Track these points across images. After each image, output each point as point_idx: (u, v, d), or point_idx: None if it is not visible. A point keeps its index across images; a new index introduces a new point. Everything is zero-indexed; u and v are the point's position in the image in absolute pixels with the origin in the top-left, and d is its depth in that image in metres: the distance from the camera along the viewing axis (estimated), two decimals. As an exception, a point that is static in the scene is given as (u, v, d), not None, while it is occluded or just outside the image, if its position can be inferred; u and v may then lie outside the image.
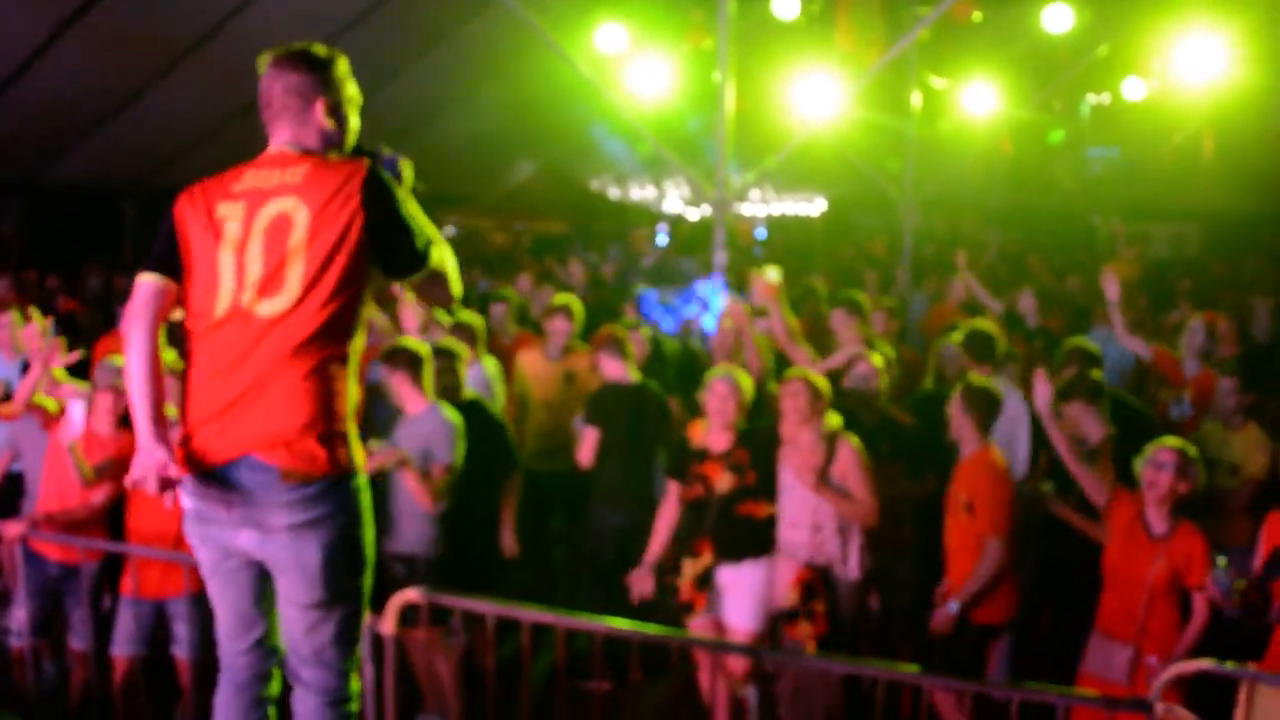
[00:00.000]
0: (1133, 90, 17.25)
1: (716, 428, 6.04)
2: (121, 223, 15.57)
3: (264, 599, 3.59)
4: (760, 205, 28.41)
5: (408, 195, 3.52)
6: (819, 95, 10.34)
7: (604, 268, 14.36)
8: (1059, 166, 24.20)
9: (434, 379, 6.48)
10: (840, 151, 15.34)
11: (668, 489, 6.31)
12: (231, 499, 3.32)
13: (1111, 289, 8.06)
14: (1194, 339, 8.10)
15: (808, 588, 5.83)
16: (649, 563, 6.21)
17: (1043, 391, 5.76)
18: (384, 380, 6.26)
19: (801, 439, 5.88)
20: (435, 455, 6.03)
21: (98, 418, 6.10)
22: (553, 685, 5.39)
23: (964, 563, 5.81)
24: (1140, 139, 22.42)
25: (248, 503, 3.31)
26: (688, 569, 6.01)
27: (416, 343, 6.32)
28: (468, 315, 7.72)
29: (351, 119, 3.61)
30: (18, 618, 6.27)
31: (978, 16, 13.61)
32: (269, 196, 3.37)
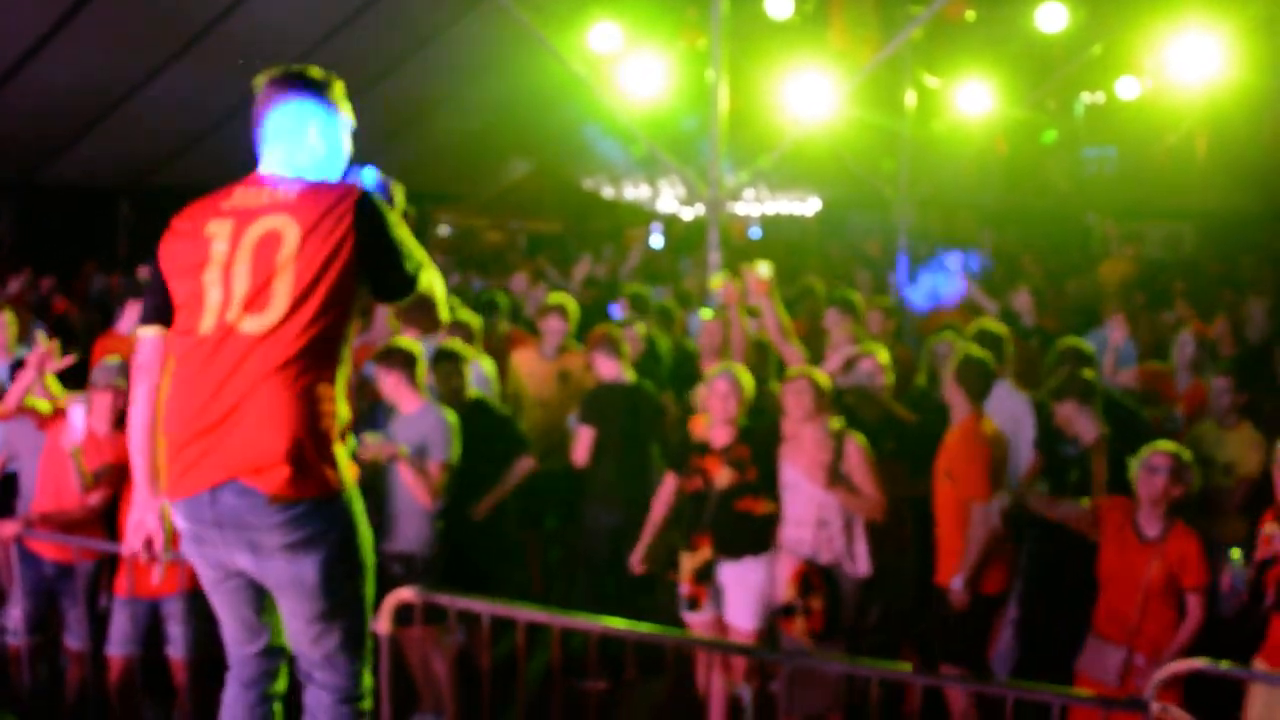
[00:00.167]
0: (1127, 89, 17.28)
1: (718, 423, 6.06)
2: (117, 222, 15.54)
3: (266, 609, 3.60)
4: (754, 205, 28.40)
5: (399, 219, 3.50)
6: (813, 94, 10.34)
7: (597, 267, 14.33)
8: (1053, 166, 24.22)
9: (441, 381, 6.50)
10: (834, 151, 15.35)
11: (664, 479, 6.33)
12: (222, 521, 3.30)
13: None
14: (1184, 351, 8.12)
15: (805, 582, 5.83)
16: (642, 547, 6.29)
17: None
18: (377, 379, 6.27)
19: (806, 436, 5.88)
20: (432, 453, 6.05)
21: (96, 417, 6.10)
22: (548, 684, 5.39)
23: (950, 533, 5.84)
24: (1135, 138, 22.45)
25: (239, 525, 3.28)
26: (686, 563, 6.02)
27: (410, 342, 6.32)
28: (465, 314, 7.73)
29: (345, 142, 3.60)
30: (13, 617, 6.26)
31: (971, 15, 13.62)
32: (258, 214, 3.35)
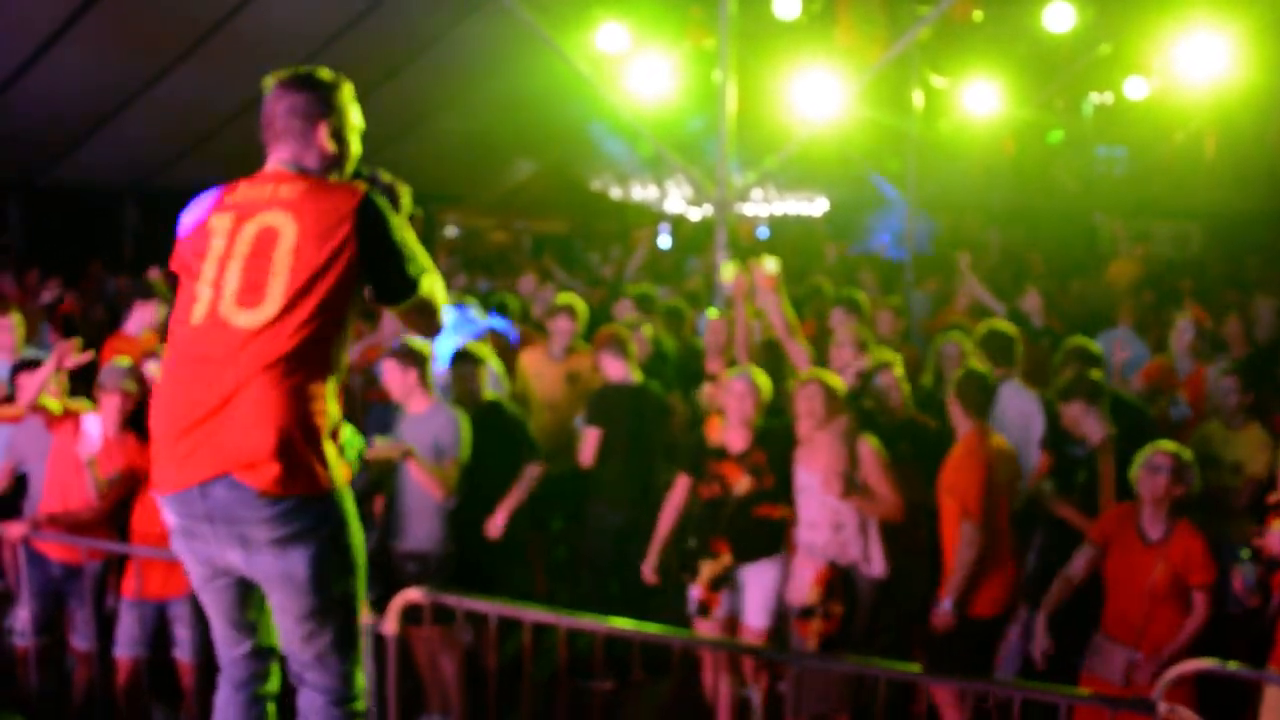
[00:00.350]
0: (1135, 89, 17.25)
1: (734, 427, 6.04)
2: (123, 223, 15.57)
3: (255, 609, 3.59)
4: (762, 205, 28.40)
5: (404, 222, 3.49)
6: (820, 94, 10.32)
7: (605, 268, 14.34)
8: (1061, 166, 24.18)
9: (459, 382, 6.50)
10: (842, 151, 15.34)
11: (676, 481, 6.31)
12: (213, 515, 3.29)
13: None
14: (1182, 338, 8.11)
15: (829, 586, 5.81)
16: (655, 551, 6.28)
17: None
18: (389, 377, 6.25)
19: (819, 441, 5.85)
20: (445, 451, 6.07)
21: (106, 420, 6.11)
22: (555, 685, 5.39)
23: (950, 552, 5.79)
24: (1143, 138, 22.41)
25: (230, 519, 3.27)
26: (706, 570, 6.00)
27: (423, 342, 6.32)
28: (472, 313, 7.72)
29: (353, 144, 3.58)
30: (21, 618, 6.27)
31: (979, 15, 13.61)
32: (259, 209, 3.35)
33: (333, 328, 3.32)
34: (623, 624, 4.79)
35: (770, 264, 6.79)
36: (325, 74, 3.53)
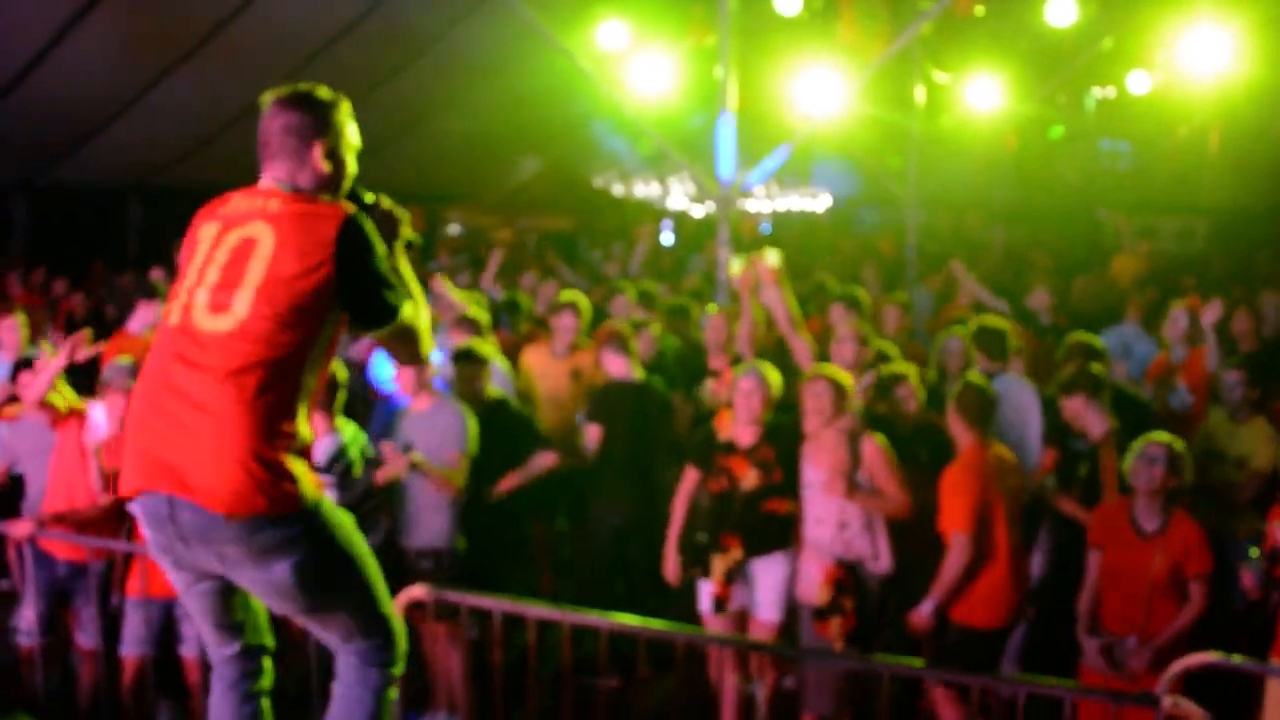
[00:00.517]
0: (1138, 84, 17.22)
1: (742, 422, 6.03)
2: (127, 222, 15.59)
3: (241, 610, 3.57)
4: (765, 201, 28.40)
5: (388, 249, 3.46)
6: (822, 91, 10.33)
7: (608, 266, 14.32)
8: (1064, 161, 24.16)
9: (463, 382, 6.50)
10: (844, 148, 15.33)
11: (685, 473, 6.30)
12: (186, 537, 3.26)
13: (1211, 313, 7.99)
14: (1176, 326, 8.11)
15: (839, 585, 5.80)
16: (671, 546, 6.26)
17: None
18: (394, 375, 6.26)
19: (825, 438, 5.84)
20: (452, 446, 6.08)
21: (110, 419, 6.12)
22: (560, 682, 5.39)
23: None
24: (1146, 133, 22.39)
25: (203, 540, 3.24)
26: (718, 565, 5.99)
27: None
28: (475, 311, 7.71)
29: (349, 162, 3.55)
30: (26, 617, 6.27)
31: (980, 10, 13.62)
32: (245, 220, 3.34)
33: (300, 344, 3.27)
34: (628, 620, 4.79)
35: (772, 256, 6.76)
36: (323, 92, 3.50)
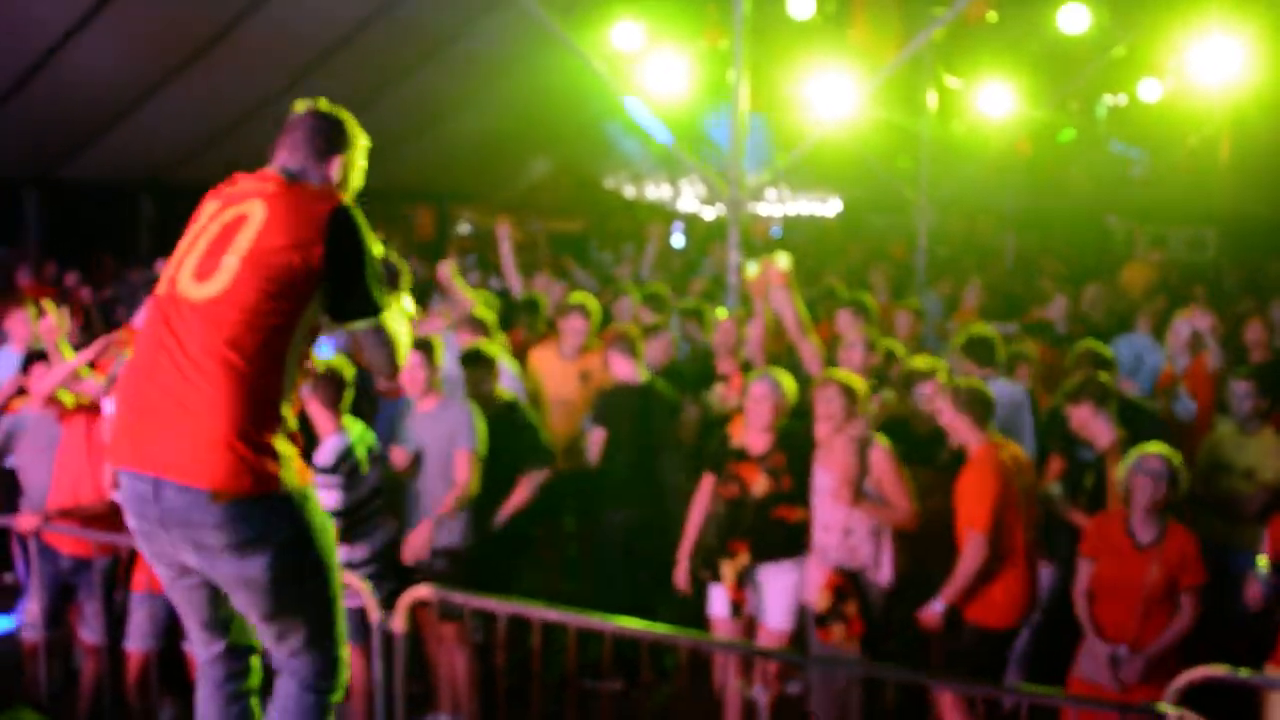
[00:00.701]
0: (1149, 91, 17.19)
1: (754, 429, 6.01)
2: (139, 217, 15.62)
3: (226, 607, 3.58)
4: (776, 205, 28.37)
5: (398, 299, 3.61)
6: (834, 94, 10.33)
7: (620, 268, 14.30)
8: (1075, 168, 24.09)
9: (471, 385, 6.50)
10: (856, 152, 15.31)
11: (701, 481, 6.29)
12: (167, 521, 3.28)
13: (1203, 321, 8.01)
14: (1178, 337, 8.08)
15: (838, 591, 5.80)
16: (685, 554, 6.25)
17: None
18: (403, 372, 6.23)
19: (836, 445, 5.81)
20: (461, 443, 6.08)
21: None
22: (565, 685, 5.39)
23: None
24: (1157, 141, 22.32)
25: (184, 524, 3.26)
26: (728, 570, 5.99)
27: (435, 337, 6.34)
28: (482, 311, 7.72)
29: (355, 177, 3.68)
30: (31, 611, 6.29)
31: (993, 16, 13.56)
32: (242, 199, 3.41)
33: (283, 319, 3.29)
34: (632, 624, 4.79)
35: (782, 260, 6.76)
36: (343, 113, 3.65)
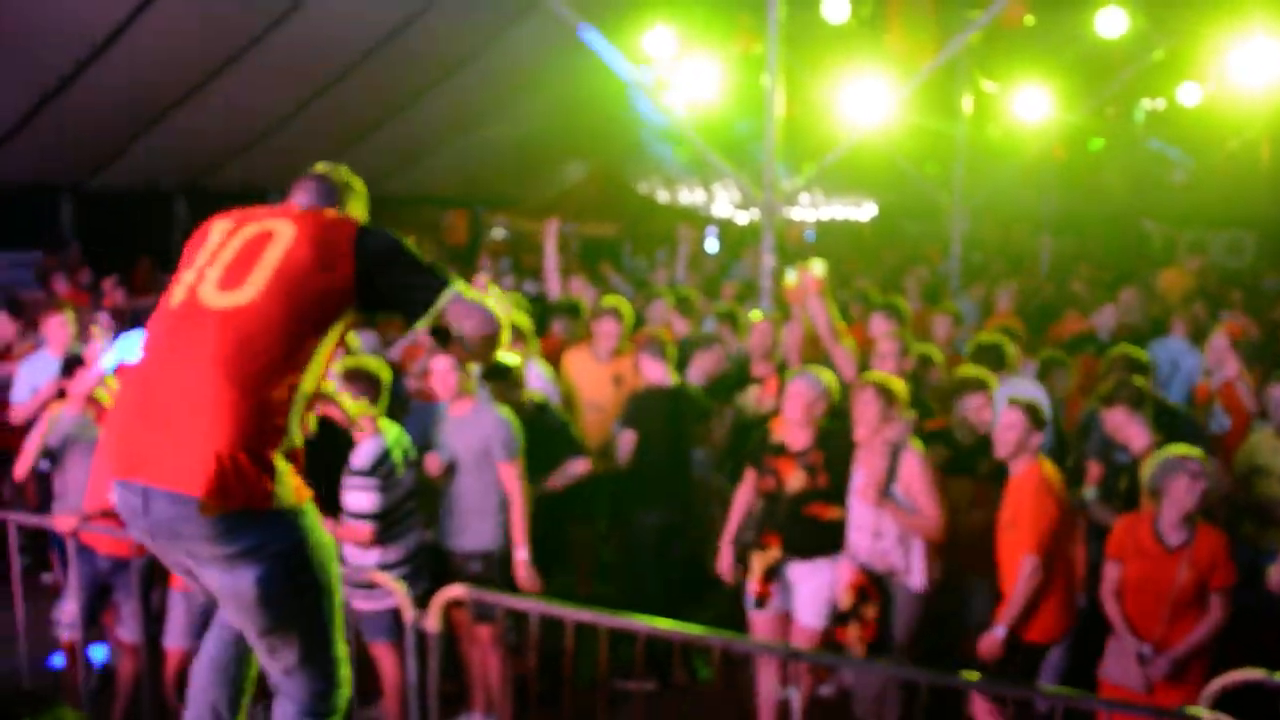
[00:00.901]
0: (1188, 96, 17.07)
1: (794, 424, 6.00)
2: (172, 223, 15.75)
3: None
4: (809, 210, 28.32)
5: (406, 244, 3.50)
6: (869, 99, 10.31)
7: (657, 273, 14.29)
8: (1111, 171, 23.94)
9: (496, 397, 6.51)
10: (890, 157, 15.28)
11: (745, 475, 6.30)
12: (156, 532, 3.25)
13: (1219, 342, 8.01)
14: (1215, 352, 8.01)
15: (861, 592, 5.79)
16: (727, 541, 6.25)
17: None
18: (436, 378, 6.23)
19: (872, 446, 5.80)
20: (498, 452, 6.09)
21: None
22: (596, 685, 5.39)
23: (1010, 580, 5.65)
24: (1196, 146, 22.17)
25: (173, 535, 3.22)
26: (757, 562, 6.00)
27: None
28: (516, 316, 7.72)
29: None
30: (68, 610, 6.34)
31: (1030, 20, 13.51)
32: (261, 217, 3.43)
33: (301, 343, 3.26)
34: (664, 625, 4.78)
35: (818, 267, 6.77)
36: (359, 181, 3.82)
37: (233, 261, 3.31)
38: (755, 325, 7.97)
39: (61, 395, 6.65)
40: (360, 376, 5.83)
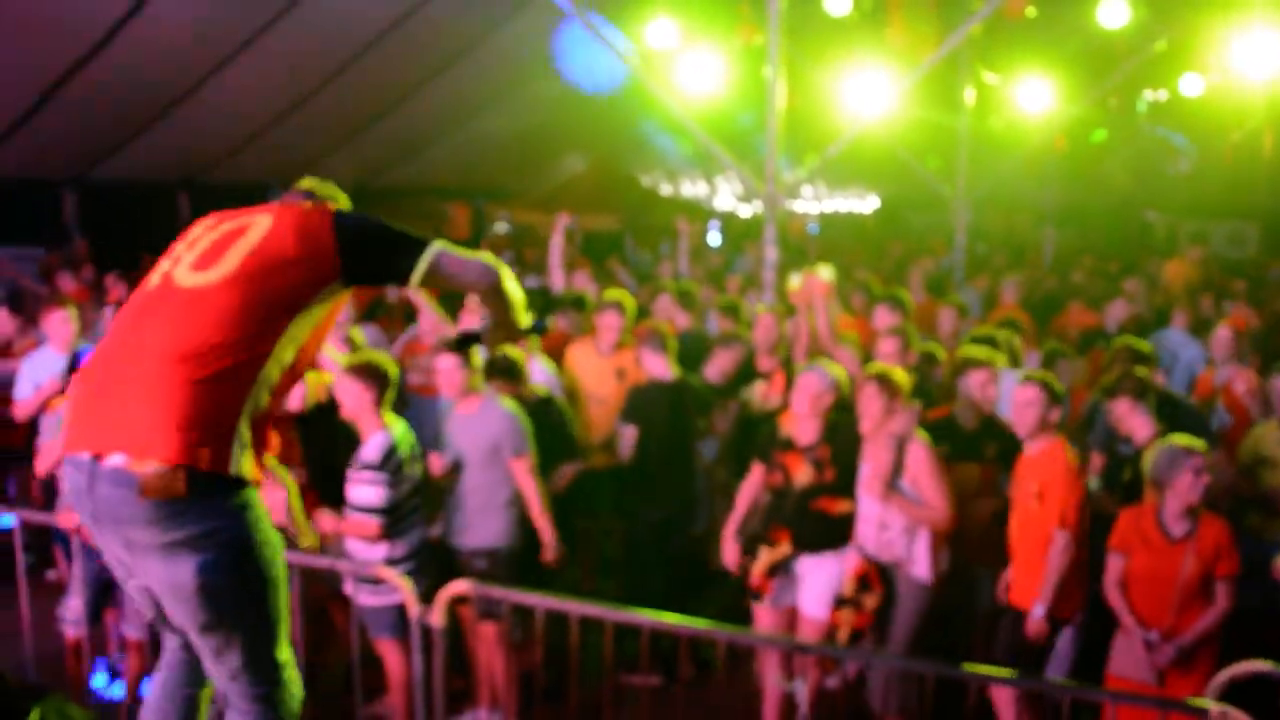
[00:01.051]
0: (1191, 86, 17.04)
1: (802, 418, 6.00)
2: (175, 217, 15.74)
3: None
4: (813, 202, 28.32)
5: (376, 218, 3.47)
6: (870, 91, 10.29)
7: (662, 266, 14.26)
8: (1114, 162, 23.92)
9: (505, 388, 6.49)
10: (892, 149, 15.26)
11: (752, 468, 6.29)
12: (99, 515, 3.18)
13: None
14: (1220, 346, 8.00)
15: (863, 580, 5.79)
16: (731, 531, 6.23)
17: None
18: (442, 374, 6.21)
19: (877, 440, 5.81)
20: (507, 449, 6.08)
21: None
22: (602, 680, 5.39)
23: (1032, 556, 5.63)
24: (1199, 136, 22.15)
25: (115, 520, 3.15)
26: (764, 556, 5.99)
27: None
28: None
29: None
30: (72, 607, 6.33)
31: (1031, 11, 13.46)
32: (239, 214, 3.43)
33: (272, 320, 3.22)
34: (670, 619, 4.78)
35: (826, 272, 6.78)
36: (339, 193, 3.86)
37: (209, 247, 3.31)
38: (759, 319, 7.96)
39: (63, 393, 6.64)
40: (367, 370, 5.82)
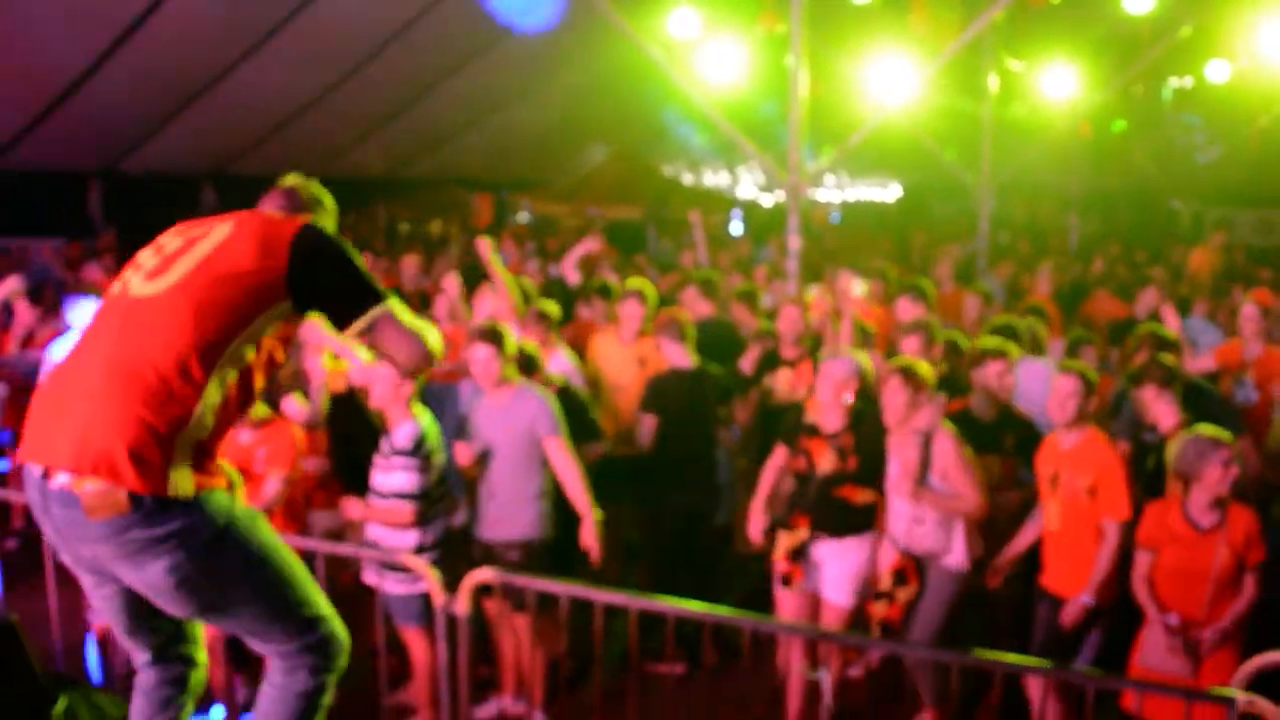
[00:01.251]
0: (1217, 73, 16.92)
1: (827, 406, 5.99)
2: (199, 208, 15.82)
3: (150, 618, 3.43)
4: (835, 191, 28.26)
5: (346, 248, 3.37)
6: (893, 79, 10.26)
7: (685, 255, 14.26)
8: (1139, 149, 23.78)
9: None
10: (915, 137, 15.21)
11: (775, 451, 6.29)
12: (61, 532, 3.14)
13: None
14: (1249, 322, 7.97)
15: (899, 575, 5.79)
16: (758, 508, 6.22)
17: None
18: (474, 362, 6.19)
19: (902, 435, 5.80)
20: (546, 428, 6.05)
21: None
22: (626, 668, 5.40)
23: (1077, 546, 5.58)
24: (1225, 122, 21.99)
25: (75, 538, 3.12)
26: (783, 541, 5.99)
27: (502, 325, 6.31)
28: (547, 304, 7.71)
29: None
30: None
31: (1056, -3, 13.42)
32: (207, 222, 3.38)
33: (225, 329, 3.14)
34: (694, 606, 4.78)
35: (858, 286, 6.77)
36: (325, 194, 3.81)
37: (165, 257, 3.26)
38: (784, 310, 7.95)
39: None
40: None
